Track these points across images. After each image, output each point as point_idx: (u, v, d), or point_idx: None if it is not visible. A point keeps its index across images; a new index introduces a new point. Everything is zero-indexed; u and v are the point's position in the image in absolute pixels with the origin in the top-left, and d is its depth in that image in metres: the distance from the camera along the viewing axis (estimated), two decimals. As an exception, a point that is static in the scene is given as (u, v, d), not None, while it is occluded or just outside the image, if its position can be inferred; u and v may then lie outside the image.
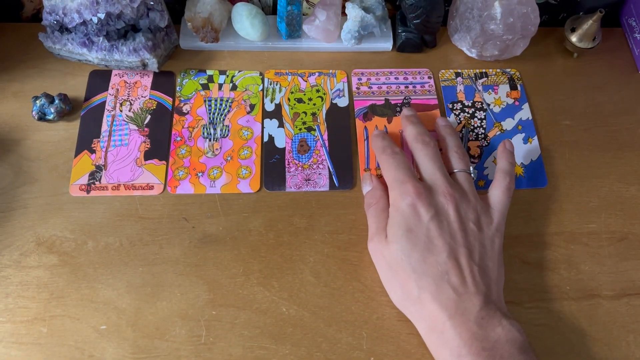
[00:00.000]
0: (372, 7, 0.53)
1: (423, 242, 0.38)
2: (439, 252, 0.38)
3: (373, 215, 0.42)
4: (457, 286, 0.37)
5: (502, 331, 0.36)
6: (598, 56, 0.56)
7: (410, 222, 0.39)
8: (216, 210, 0.45)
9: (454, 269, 0.37)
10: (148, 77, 0.51)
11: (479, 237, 0.39)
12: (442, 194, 0.40)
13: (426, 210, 0.39)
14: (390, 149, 0.43)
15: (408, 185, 0.40)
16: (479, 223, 0.40)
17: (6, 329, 0.39)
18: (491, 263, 0.39)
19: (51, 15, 0.47)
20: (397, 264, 0.38)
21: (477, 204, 0.41)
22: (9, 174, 0.45)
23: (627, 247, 0.46)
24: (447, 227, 0.39)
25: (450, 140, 0.45)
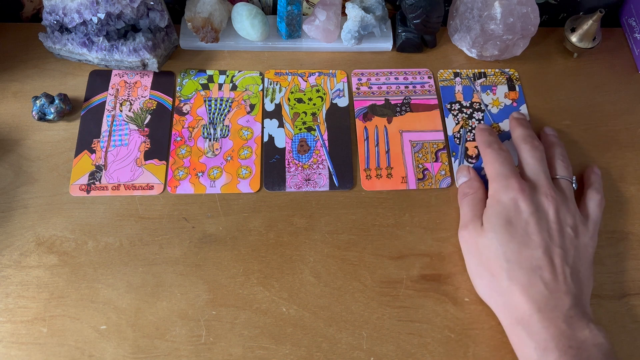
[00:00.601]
0: (372, 7, 0.53)
1: (520, 234, 0.39)
2: (535, 247, 0.38)
3: (469, 204, 0.43)
4: (548, 282, 0.37)
5: (589, 334, 0.36)
6: (598, 56, 0.56)
7: (510, 214, 0.40)
8: (216, 210, 0.45)
9: (547, 266, 0.38)
10: (148, 77, 0.51)
11: (575, 242, 0.40)
12: (544, 194, 0.40)
13: (527, 205, 0.39)
14: (497, 144, 0.44)
15: (512, 180, 0.41)
16: (576, 229, 0.40)
17: (6, 329, 0.39)
18: (583, 269, 0.39)
19: (51, 15, 0.47)
20: (491, 252, 0.39)
21: (575, 211, 0.41)
22: (9, 174, 0.45)
23: (627, 247, 0.46)
24: (545, 225, 0.39)
25: (558, 148, 0.46)
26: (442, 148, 0.49)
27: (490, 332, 0.41)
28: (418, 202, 0.46)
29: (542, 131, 0.49)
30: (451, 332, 0.41)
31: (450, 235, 0.45)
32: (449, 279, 0.43)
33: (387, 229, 0.45)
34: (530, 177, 0.42)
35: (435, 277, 0.43)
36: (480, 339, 0.41)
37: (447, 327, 0.41)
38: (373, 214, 0.46)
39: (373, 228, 0.45)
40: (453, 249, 0.44)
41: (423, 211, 0.46)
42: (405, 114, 0.51)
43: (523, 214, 0.39)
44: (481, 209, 0.42)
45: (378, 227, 0.45)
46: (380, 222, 0.45)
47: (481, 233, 0.40)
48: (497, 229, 0.39)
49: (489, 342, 0.41)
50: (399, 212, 0.46)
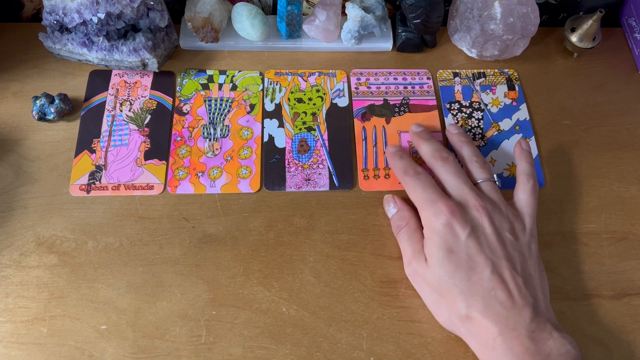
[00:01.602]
0: (372, 7, 0.53)
1: (465, 261, 0.38)
2: (482, 269, 0.37)
3: (406, 239, 0.42)
4: (504, 301, 0.36)
5: (554, 344, 0.35)
6: (598, 56, 0.56)
7: (449, 242, 0.38)
8: (216, 210, 0.45)
9: (499, 284, 0.37)
10: (148, 77, 0.51)
11: (517, 246, 0.39)
12: (475, 208, 0.39)
13: (462, 227, 0.38)
14: (413, 169, 0.42)
15: (439, 204, 0.39)
16: (514, 231, 0.40)
17: (6, 329, 0.39)
18: (532, 269, 0.39)
19: (51, 15, 0.47)
20: (441, 286, 0.38)
21: (508, 212, 0.41)
22: (9, 174, 0.45)
23: (627, 247, 0.46)
24: (485, 242, 0.38)
25: (467, 149, 0.44)
26: (442, 148, 0.49)
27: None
28: (418, 202, 0.46)
29: (447, 131, 0.47)
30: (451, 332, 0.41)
31: (450, 235, 0.45)
32: (449, 279, 0.43)
33: (387, 229, 0.45)
34: (454, 194, 0.41)
35: (435, 277, 0.43)
36: (480, 339, 0.41)
37: (447, 327, 0.41)
38: (373, 214, 0.46)
39: (373, 228, 0.45)
40: (453, 249, 0.44)
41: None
42: (403, 115, 0.51)
43: (460, 237, 0.38)
44: (419, 240, 0.41)
45: (378, 227, 0.45)
46: (380, 222, 0.45)
47: (427, 269, 0.39)
48: (442, 262, 0.38)
49: (489, 342, 0.41)
50: (398, 212, 0.46)
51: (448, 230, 0.38)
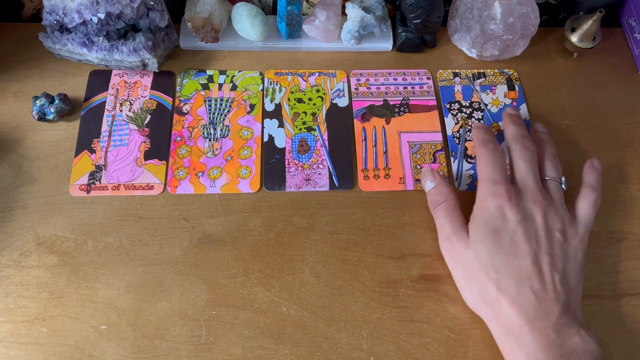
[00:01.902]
0: (372, 7, 0.53)
1: (508, 244, 0.38)
2: (523, 257, 0.38)
3: (445, 215, 0.42)
4: (537, 291, 0.37)
5: (580, 341, 0.36)
6: (598, 56, 0.56)
7: (497, 223, 0.39)
8: (216, 210, 0.45)
9: (536, 275, 0.37)
10: (148, 77, 0.51)
11: (564, 246, 0.39)
12: (532, 200, 0.40)
13: (514, 213, 0.39)
14: (493, 144, 0.43)
15: (500, 187, 0.40)
16: (565, 233, 0.40)
17: (6, 329, 0.39)
18: (572, 274, 0.39)
19: (51, 15, 0.47)
20: (478, 264, 0.38)
21: (564, 215, 0.41)
22: (9, 174, 0.45)
23: (627, 247, 0.46)
24: (533, 233, 0.39)
25: (548, 147, 0.45)
26: (441, 149, 0.49)
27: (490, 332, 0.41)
28: (418, 202, 0.46)
29: (533, 128, 0.48)
30: (451, 332, 0.41)
31: (450, 235, 0.45)
32: (449, 279, 0.43)
33: (387, 229, 0.45)
34: (519, 180, 0.41)
35: (435, 277, 0.43)
36: (480, 339, 0.41)
37: (447, 327, 0.41)
38: (373, 214, 0.46)
39: (373, 228, 0.45)
40: (453, 249, 0.44)
41: (423, 211, 0.46)
42: (403, 115, 0.51)
43: (510, 222, 0.39)
44: (459, 217, 0.41)
45: (378, 227, 0.45)
46: (380, 222, 0.45)
47: (467, 244, 0.39)
48: (485, 240, 0.39)
49: (489, 342, 0.41)
50: (399, 212, 0.46)
51: (499, 213, 0.39)
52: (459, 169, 0.48)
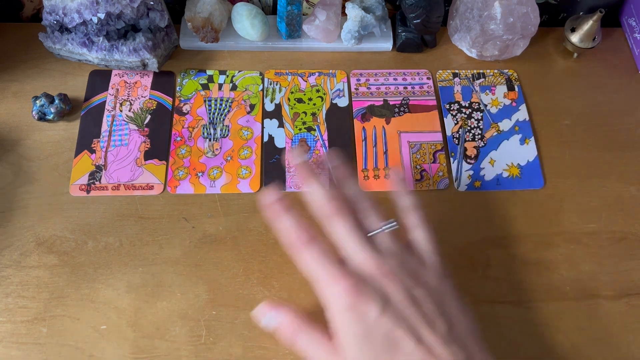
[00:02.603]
0: (372, 7, 0.53)
1: (381, 342, 0.32)
2: (405, 345, 0.32)
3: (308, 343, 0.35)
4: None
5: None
6: (598, 56, 0.56)
7: (360, 326, 0.33)
8: (216, 210, 0.45)
9: (425, 354, 0.32)
10: (148, 77, 0.51)
11: (430, 296, 0.34)
12: (379, 277, 0.34)
13: (370, 306, 0.33)
14: (303, 235, 0.35)
15: (340, 285, 0.33)
16: (422, 282, 0.35)
17: (6, 329, 0.39)
18: (455, 315, 0.34)
19: (51, 15, 0.47)
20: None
21: (411, 262, 0.35)
22: (9, 174, 0.45)
23: (627, 247, 0.46)
24: (398, 311, 0.33)
25: (353, 189, 0.38)
26: (440, 149, 0.49)
27: (491, 332, 0.41)
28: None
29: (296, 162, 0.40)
30: (451, 332, 0.41)
31: (450, 235, 0.45)
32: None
33: (387, 229, 0.45)
34: (351, 259, 0.35)
35: (435, 277, 0.43)
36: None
37: (446, 327, 0.41)
38: (373, 214, 0.46)
39: (373, 228, 0.45)
40: (453, 249, 0.44)
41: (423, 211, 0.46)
42: (403, 115, 0.51)
43: (372, 316, 0.33)
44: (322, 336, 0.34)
45: (378, 227, 0.45)
46: (380, 222, 0.45)
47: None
48: (361, 354, 0.32)
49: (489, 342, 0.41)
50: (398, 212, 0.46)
51: (356, 314, 0.33)
52: (458, 169, 0.48)
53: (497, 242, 0.45)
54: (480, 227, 0.46)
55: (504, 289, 0.43)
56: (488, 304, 0.42)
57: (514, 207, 0.47)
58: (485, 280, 0.43)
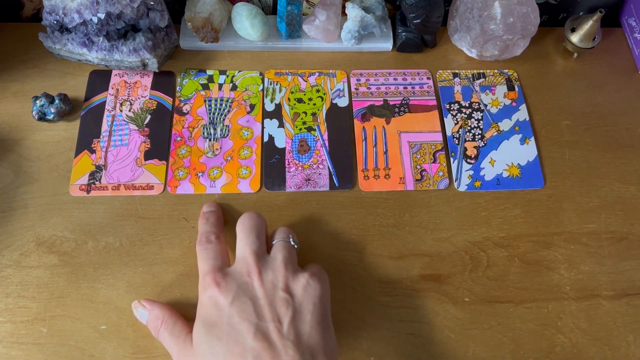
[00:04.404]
0: (372, 7, 0.53)
1: (227, 332, 0.34)
2: (245, 338, 0.34)
3: (167, 338, 0.37)
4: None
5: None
6: (598, 56, 0.56)
7: (212, 315, 0.35)
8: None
9: (265, 350, 0.33)
10: (148, 77, 0.51)
11: (293, 303, 0.35)
12: (245, 273, 0.36)
13: (224, 297, 0.35)
14: (206, 237, 0.40)
15: (208, 277, 0.37)
16: (290, 289, 0.36)
17: (6, 329, 0.39)
18: (310, 328, 0.35)
19: (51, 15, 0.47)
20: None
21: (289, 270, 0.37)
22: (9, 174, 0.45)
23: (627, 247, 0.46)
24: (251, 306, 0.35)
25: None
26: (441, 149, 0.49)
27: (490, 332, 0.42)
28: (418, 202, 0.46)
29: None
30: (451, 332, 0.41)
31: (450, 235, 0.45)
32: (449, 279, 0.43)
33: (387, 229, 0.45)
34: (237, 257, 0.38)
35: (435, 277, 0.43)
36: (480, 339, 0.41)
37: (447, 327, 0.42)
38: (373, 214, 0.46)
39: (373, 228, 0.45)
40: (453, 249, 0.45)
41: (423, 211, 0.46)
42: (403, 115, 0.51)
43: (223, 308, 0.35)
44: (181, 330, 0.37)
45: (378, 227, 0.45)
46: (380, 222, 0.45)
47: (193, 353, 0.35)
48: (205, 339, 0.34)
49: (489, 342, 0.41)
50: (398, 212, 0.46)
51: (213, 304, 0.35)
52: (458, 169, 0.48)
53: (497, 242, 0.45)
54: (480, 227, 0.46)
55: (504, 289, 0.43)
56: (488, 304, 0.43)
57: (514, 207, 0.47)
58: (485, 280, 0.43)
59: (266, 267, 0.37)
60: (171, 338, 0.37)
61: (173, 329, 0.37)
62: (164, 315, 0.38)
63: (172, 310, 0.39)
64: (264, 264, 0.37)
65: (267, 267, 0.37)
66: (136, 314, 0.40)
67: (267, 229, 0.41)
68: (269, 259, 0.38)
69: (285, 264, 0.37)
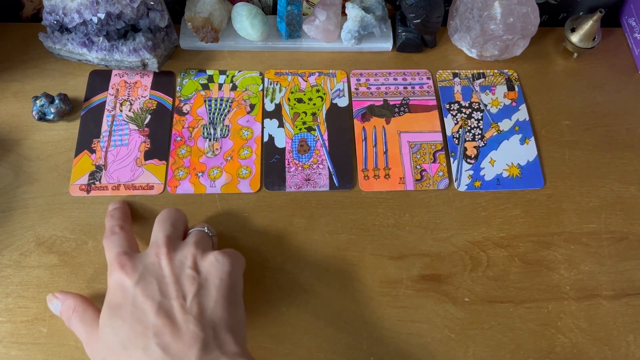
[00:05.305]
0: (372, 7, 0.53)
1: (130, 312, 0.34)
2: (147, 316, 0.34)
3: (77, 325, 0.37)
4: (168, 344, 0.32)
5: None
6: (598, 56, 0.56)
7: (117, 298, 0.35)
8: (216, 210, 0.45)
9: (165, 326, 0.33)
10: (148, 77, 0.51)
11: (198, 279, 0.35)
12: (154, 254, 0.37)
13: (130, 277, 0.35)
14: (110, 230, 0.40)
15: (114, 262, 0.36)
16: (197, 266, 0.36)
17: (6, 329, 0.39)
18: (215, 304, 0.35)
19: (51, 15, 0.47)
20: (110, 352, 0.34)
21: (196, 250, 0.37)
22: (9, 174, 0.45)
23: (627, 247, 0.46)
24: (156, 285, 0.35)
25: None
26: (440, 149, 0.49)
27: (490, 332, 0.42)
28: (418, 202, 0.46)
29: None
30: (451, 332, 0.41)
31: (450, 235, 0.45)
32: (449, 279, 0.43)
33: (387, 229, 0.45)
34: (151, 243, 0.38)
35: (435, 277, 0.43)
36: (480, 339, 0.41)
37: (447, 327, 0.42)
38: (373, 214, 0.46)
39: (373, 228, 0.45)
40: (453, 249, 0.45)
41: (423, 211, 0.46)
42: (403, 115, 0.51)
43: (129, 289, 0.35)
44: (91, 316, 0.37)
45: (378, 227, 0.45)
46: (380, 222, 0.45)
47: (98, 336, 0.35)
48: (109, 321, 0.34)
49: (489, 342, 0.41)
50: (398, 212, 0.46)
51: (117, 286, 0.35)
52: (458, 169, 0.48)
53: (497, 242, 0.45)
54: (480, 227, 0.46)
55: (504, 289, 0.43)
56: (488, 304, 0.43)
57: (514, 207, 0.47)
58: (485, 280, 0.43)
59: (176, 249, 0.37)
60: (81, 325, 0.37)
61: (83, 315, 0.37)
62: (76, 304, 0.38)
63: (84, 298, 0.38)
64: (175, 246, 0.37)
65: (177, 249, 0.37)
66: (50, 306, 0.39)
67: (187, 224, 0.41)
68: (181, 243, 0.38)
69: (195, 245, 0.37)
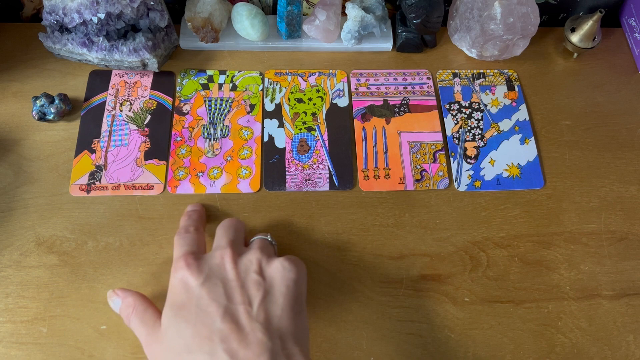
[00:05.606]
0: (372, 7, 0.53)
1: (194, 314, 0.33)
2: (213, 319, 0.33)
3: (137, 324, 0.36)
4: (236, 350, 0.32)
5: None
6: (598, 56, 0.56)
7: (181, 297, 0.35)
8: (216, 210, 0.45)
9: (233, 333, 0.32)
10: (148, 77, 0.51)
11: (265, 285, 0.35)
12: (219, 257, 0.36)
13: (195, 277, 0.35)
14: (185, 229, 0.40)
15: (180, 260, 0.36)
16: (263, 271, 0.36)
17: (6, 329, 0.39)
18: (282, 312, 0.34)
19: (51, 15, 0.47)
20: (173, 352, 0.33)
21: (262, 255, 0.37)
22: (9, 174, 0.45)
23: (627, 247, 0.46)
24: (221, 288, 0.34)
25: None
26: (440, 149, 0.49)
27: (490, 332, 0.42)
28: (418, 202, 0.46)
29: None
30: (451, 332, 0.41)
31: (450, 235, 0.45)
32: (449, 279, 0.43)
33: (387, 229, 0.45)
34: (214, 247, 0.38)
35: (435, 277, 0.43)
36: (480, 339, 0.41)
37: (447, 327, 0.42)
38: (373, 214, 0.46)
39: (373, 228, 0.45)
40: (453, 249, 0.45)
41: (423, 211, 0.46)
42: (403, 115, 0.51)
43: (193, 289, 0.34)
44: (151, 316, 0.36)
45: (378, 227, 0.45)
46: (380, 222, 0.45)
47: (160, 337, 0.34)
48: (173, 321, 0.34)
49: (489, 342, 0.41)
50: (398, 212, 0.46)
51: (182, 285, 0.35)
52: (458, 169, 0.48)
53: (497, 242, 0.45)
54: (480, 227, 0.46)
55: (504, 289, 0.43)
56: (488, 304, 0.43)
57: (514, 207, 0.47)
58: (485, 280, 0.43)
59: (241, 254, 0.37)
60: (141, 324, 0.36)
61: (144, 315, 0.37)
62: (136, 303, 0.38)
63: (145, 297, 0.38)
64: (239, 251, 0.37)
65: (242, 254, 0.37)
66: (110, 303, 0.39)
67: (246, 234, 0.41)
68: (245, 249, 0.38)
69: (260, 250, 0.37)
